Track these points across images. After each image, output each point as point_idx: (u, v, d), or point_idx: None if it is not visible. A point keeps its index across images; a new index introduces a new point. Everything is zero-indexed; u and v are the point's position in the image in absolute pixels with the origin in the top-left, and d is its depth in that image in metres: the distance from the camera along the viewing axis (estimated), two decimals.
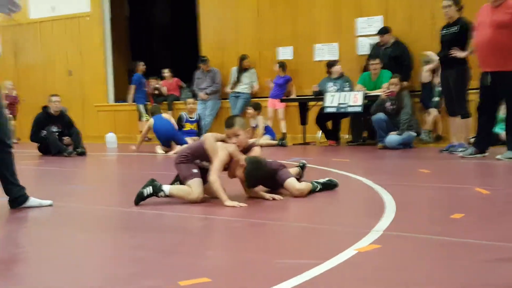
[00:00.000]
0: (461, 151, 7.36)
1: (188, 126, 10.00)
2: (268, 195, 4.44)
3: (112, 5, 13.93)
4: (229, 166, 4.41)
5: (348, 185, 5.21)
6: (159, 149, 9.20)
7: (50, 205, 4.38)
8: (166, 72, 12.79)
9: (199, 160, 4.42)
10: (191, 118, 10.08)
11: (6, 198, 4.32)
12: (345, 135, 10.20)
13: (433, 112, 9.33)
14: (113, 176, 7.03)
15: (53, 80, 14.29)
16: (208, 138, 4.47)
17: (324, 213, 4.06)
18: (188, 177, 4.35)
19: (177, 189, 4.37)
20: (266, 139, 9.90)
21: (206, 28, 12.35)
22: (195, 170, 4.37)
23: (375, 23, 10.52)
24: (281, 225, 3.57)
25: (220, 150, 4.34)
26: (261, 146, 5.43)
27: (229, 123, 4.47)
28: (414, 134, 8.65)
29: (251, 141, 4.63)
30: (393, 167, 6.80)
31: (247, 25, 11.86)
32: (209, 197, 4.46)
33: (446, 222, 3.45)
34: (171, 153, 9.02)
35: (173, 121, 9.50)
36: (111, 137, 11.11)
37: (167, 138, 9.21)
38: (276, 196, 4.43)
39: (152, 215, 4.00)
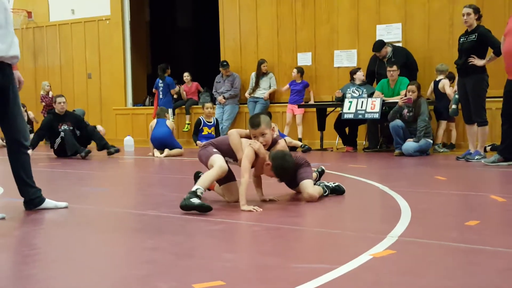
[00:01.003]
0: (477, 158, 7.32)
1: (206, 130, 10.05)
2: (267, 197, 4.54)
3: (133, 9, 14.04)
4: (255, 165, 4.41)
5: (365, 191, 5.21)
6: (156, 152, 9.38)
7: (65, 207, 4.41)
8: (186, 76, 12.85)
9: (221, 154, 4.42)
10: (209, 122, 10.13)
11: (21, 200, 4.36)
12: (362, 142, 10.18)
13: (443, 124, 9.29)
14: (129, 179, 7.08)
15: (72, 83, 14.43)
16: (233, 134, 4.46)
17: (340, 219, 4.06)
18: (209, 156, 4.34)
19: (204, 180, 4.19)
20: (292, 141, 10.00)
21: (227, 33, 12.41)
22: (214, 150, 4.38)
23: (394, 30, 10.51)
24: (297, 230, 3.58)
25: (245, 148, 4.34)
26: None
27: (255, 123, 4.42)
28: (431, 141, 8.62)
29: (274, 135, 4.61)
30: (410, 174, 6.77)
31: (267, 30, 11.90)
32: (227, 200, 4.48)
33: (461, 229, 3.44)
34: (161, 155, 9.14)
35: (173, 127, 9.74)
36: (128, 141, 11.18)
37: (161, 144, 9.43)
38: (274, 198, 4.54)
39: (168, 218, 4.02)
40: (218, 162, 4.25)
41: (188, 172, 4.63)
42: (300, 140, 10.63)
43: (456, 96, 8.39)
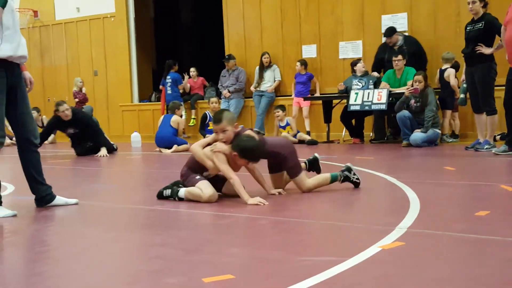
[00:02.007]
0: (487, 148, 7.28)
1: (212, 125, 10.04)
2: (274, 190, 4.55)
3: (137, 6, 14.04)
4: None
5: (372, 183, 5.19)
6: (163, 149, 9.36)
7: (75, 204, 4.44)
8: (193, 71, 12.84)
9: (199, 174, 4.44)
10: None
11: (32, 197, 4.38)
12: (369, 133, 10.15)
13: (448, 114, 9.24)
14: (138, 175, 7.09)
15: None
16: (194, 149, 4.48)
17: (348, 211, 4.05)
18: (194, 183, 4.38)
19: (189, 192, 4.37)
20: (302, 135, 10.00)
21: (231, 27, 12.39)
22: (198, 176, 4.40)
23: (400, 20, 10.45)
24: (305, 222, 3.57)
25: (214, 156, 4.32)
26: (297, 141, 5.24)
27: (217, 119, 4.41)
28: (439, 131, 8.57)
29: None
30: (418, 165, 6.74)
31: (271, 23, 11.87)
32: (231, 195, 4.48)
33: (471, 219, 3.42)
34: (168, 151, 9.11)
35: (180, 125, 9.55)
36: (135, 137, 11.20)
37: (162, 144, 9.39)
38: (281, 191, 4.54)
39: (175, 213, 4.02)
40: (206, 192, 4.28)
41: None
42: (308, 133, 10.61)
43: (464, 85, 8.34)
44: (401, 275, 2.40)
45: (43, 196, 4.34)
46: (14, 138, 12.57)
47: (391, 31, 9.79)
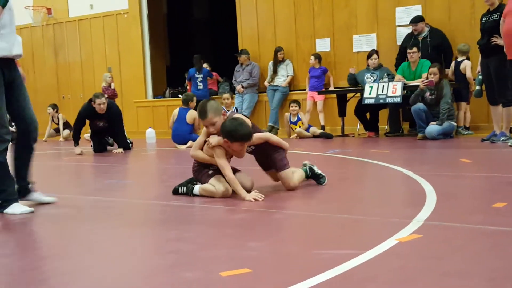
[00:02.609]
0: (503, 140, 7.23)
1: None
2: (248, 196, 4.15)
3: (150, 2, 14.07)
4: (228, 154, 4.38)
5: (388, 175, 5.17)
6: (179, 145, 9.32)
7: (51, 202, 4.39)
8: (206, 67, 12.84)
9: (210, 168, 4.41)
10: (229, 110, 10.11)
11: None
12: (384, 127, 10.10)
13: (463, 106, 9.16)
14: (152, 171, 7.12)
15: (92, 77, 14.52)
16: (194, 155, 4.43)
17: (364, 204, 4.04)
18: (205, 179, 4.36)
19: (203, 189, 4.35)
20: (315, 129, 10.00)
21: (244, 22, 12.38)
22: (210, 171, 4.37)
23: (414, 12, 10.37)
24: (321, 216, 3.56)
25: (215, 153, 4.28)
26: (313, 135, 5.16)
27: (202, 113, 4.29)
28: (454, 123, 8.51)
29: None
30: (434, 157, 6.71)
31: (284, 17, 11.84)
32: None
33: (488, 211, 3.39)
34: (183, 147, 9.11)
35: (196, 120, 9.26)
36: (150, 133, 11.24)
37: (180, 142, 9.33)
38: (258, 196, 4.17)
39: (191, 208, 4.03)
40: (219, 188, 4.26)
41: None
42: (323, 127, 10.60)
43: (480, 77, 8.27)
44: (419, 268, 2.39)
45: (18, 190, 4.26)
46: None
47: (417, 18, 9.72)
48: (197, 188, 4.39)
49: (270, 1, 12.00)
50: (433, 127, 8.30)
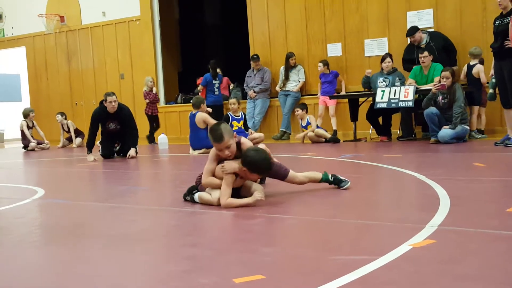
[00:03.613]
0: None
1: (235, 125, 10.00)
2: (252, 198, 4.14)
3: (162, 8, 14.15)
4: (239, 180, 4.30)
5: (401, 180, 5.15)
6: (193, 151, 9.29)
7: None
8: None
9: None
10: (237, 116, 10.09)
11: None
12: (396, 131, 10.08)
13: (476, 110, 9.12)
14: (165, 177, 7.14)
15: (105, 84, 14.62)
16: (206, 182, 4.34)
17: (377, 209, 4.03)
18: (204, 188, 4.41)
19: (201, 198, 4.35)
20: (320, 131, 9.97)
21: (255, 27, 12.43)
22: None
23: (426, 16, 10.36)
24: (334, 221, 3.56)
25: (225, 179, 4.21)
26: (315, 136, 5.21)
27: (218, 136, 4.19)
28: (467, 127, 8.47)
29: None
30: (447, 162, 6.67)
31: (295, 23, 11.87)
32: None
33: (503, 215, 3.37)
34: (196, 152, 9.11)
35: (207, 121, 9.15)
36: (162, 139, 11.29)
37: (197, 145, 9.27)
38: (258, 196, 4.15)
39: (204, 214, 4.04)
40: (215, 196, 4.23)
41: None
42: (335, 132, 10.60)
43: (493, 80, 8.23)
44: (434, 273, 2.38)
45: None
46: (43, 144, 12.94)
47: (412, 30, 9.75)
48: (196, 196, 4.40)
49: (281, 6, 12.02)
50: (446, 131, 8.27)
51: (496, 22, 7.47)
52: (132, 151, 9.02)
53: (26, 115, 13.31)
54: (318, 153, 8.10)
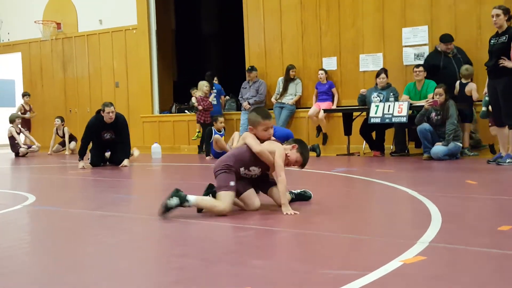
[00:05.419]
0: (509, 162, 7.22)
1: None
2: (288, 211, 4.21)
3: (159, 18, 14.18)
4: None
5: (393, 196, 5.16)
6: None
7: None
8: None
9: (243, 167, 4.36)
10: (219, 132, 10.09)
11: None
12: (390, 146, 10.10)
13: (468, 127, 9.15)
14: (157, 186, 7.12)
15: (100, 92, 14.60)
16: (261, 149, 4.32)
17: (369, 224, 4.03)
18: (223, 188, 4.23)
19: (202, 200, 4.26)
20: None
21: (251, 39, 12.45)
22: (232, 183, 4.26)
23: (420, 33, 10.43)
24: (325, 235, 3.56)
25: (276, 150, 4.31)
26: None
27: (267, 114, 4.46)
28: (460, 144, 8.50)
29: None
30: (439, 178, 6.69)
31: (291, 35, 11.91)
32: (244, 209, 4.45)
33: (494, 234, 3.38)
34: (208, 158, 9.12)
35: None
36: (155, 148, 11.27)
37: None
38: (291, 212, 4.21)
39: (196, 224, 4.02)
40: (225, 203, 4.18)
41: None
42: (325, 135, 10.78)
43: (486, 98, 8.27)
44: None
45: None
46: (33, 147, 12.92)
47: (450, 37, 9.60)
48: (193, 198, 4.20)
49: (278, 19, 12.07)
50: (439, 148, 8.30)
51: (492, 41, 7.52)
52: (125, 162, 9.00)
53: (12, 120, 13.30)
54: (311, 166, 8.10)
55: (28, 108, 14.48)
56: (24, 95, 14.75)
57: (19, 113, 14.22)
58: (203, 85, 11.69)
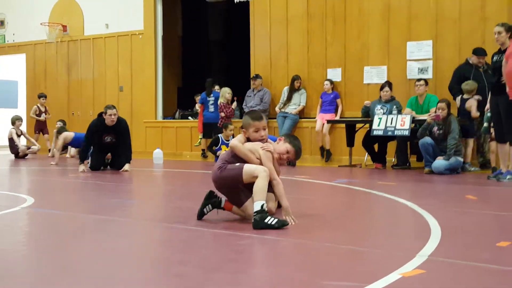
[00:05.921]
0: (509, 178, 7.23)
1: (224, 148, 9.98)
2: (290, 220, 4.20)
3: (166, 24, 14.22)
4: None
5: (394, 208, 5.17)
6: None
7: None
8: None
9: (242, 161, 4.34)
10: (227, 141, 10.12)
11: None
12: (391, 159, 10.11)
13: (471, 143, 9.15)
14: (159, 192, 7.13)
15: (104, 95, 14.63)
16: (236, 146, 4.33)
17: (369, 236, 4.04)
18: (239, 171, 4.18)
19: (259, 192, 4.10)
20: None
21: (257, 48, 12.48)
22: (237, 164, 4.26)
23: (425, 47, 10.47)
24: (325, 246, 3.57)
25: (262, 153, 4.27)
26: None
27: (259, 116, 4.44)
28: (461, 159, 8.52)
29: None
30: (440, 192, 6.70)
31: (297, 45, 11.94)
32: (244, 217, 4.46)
33: (493, 249, 3.39)
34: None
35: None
36: (158, 153, 11.29)
37: None
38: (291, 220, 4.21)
39: (195, 231, 4.04)
40: (259, 168, 4.13)
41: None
42: (328, 151, 10.76)
43: (488, 114, 8.28)
44: None
45: None
46: (32, 147, 12.93)
47: (484, 51, 9.34)
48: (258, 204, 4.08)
49: (284, 29, 12.11)
50: (440, 162, 8.32)
51: (494, 58, 7.55)
52: (126, 167, 9.02)
53: (13, 122, 13.33)
54: (313, 176, 8.12)
55: (43, 110, 14.30)
56: (40, 96, 14.45)
57: (34, 115, 14.17)
58: (226, 91, 11.57)
